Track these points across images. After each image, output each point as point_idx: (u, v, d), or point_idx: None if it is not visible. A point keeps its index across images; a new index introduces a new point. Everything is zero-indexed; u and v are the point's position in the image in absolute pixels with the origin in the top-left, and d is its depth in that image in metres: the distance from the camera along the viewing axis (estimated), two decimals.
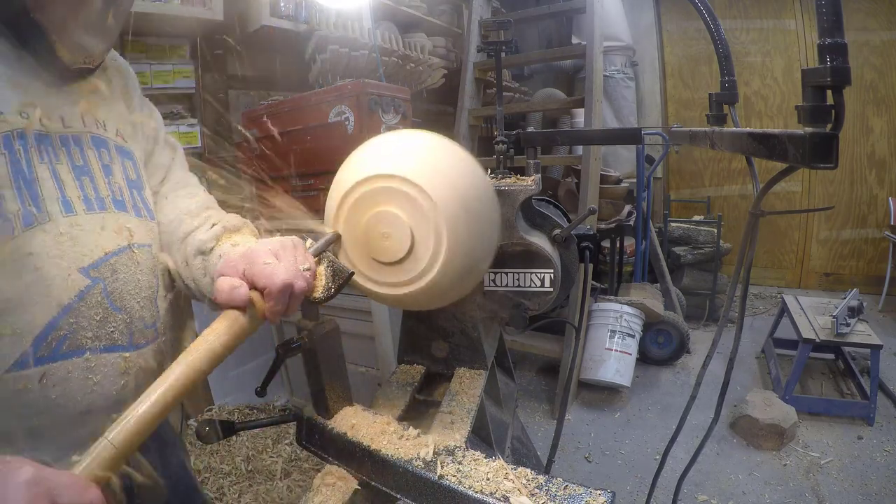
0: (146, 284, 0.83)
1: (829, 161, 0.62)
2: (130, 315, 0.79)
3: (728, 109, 1.12)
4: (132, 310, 0.79)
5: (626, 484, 2.36)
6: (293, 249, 0.76)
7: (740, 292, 1.22)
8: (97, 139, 0.81)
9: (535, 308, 1.06)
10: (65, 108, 0.77)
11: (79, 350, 0.72)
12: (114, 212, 0.80)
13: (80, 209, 0.75)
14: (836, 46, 0.61)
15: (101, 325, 0.75)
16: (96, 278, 0.74)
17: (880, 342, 2.71)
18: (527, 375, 3.46)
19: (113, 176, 0.82)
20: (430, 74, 3.52)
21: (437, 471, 0.72)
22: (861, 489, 2.24)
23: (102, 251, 0.76)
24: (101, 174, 0.80)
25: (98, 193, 0.78)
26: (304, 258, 0.76)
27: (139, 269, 0.82)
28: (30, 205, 0.69)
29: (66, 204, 0.73)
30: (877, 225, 4.69)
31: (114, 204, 0.80)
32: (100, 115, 0.83)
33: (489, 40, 1.26)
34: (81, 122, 0.79)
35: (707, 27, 1.07)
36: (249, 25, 2.49)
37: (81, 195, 0.76)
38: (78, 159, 0.77)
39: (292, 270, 0.72)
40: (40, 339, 0.68)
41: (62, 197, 0.73)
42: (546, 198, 1.22)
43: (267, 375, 0.81)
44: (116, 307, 0.77)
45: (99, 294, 0.75)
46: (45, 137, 0.73)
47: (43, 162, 0.72)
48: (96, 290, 0.74)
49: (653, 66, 5.12)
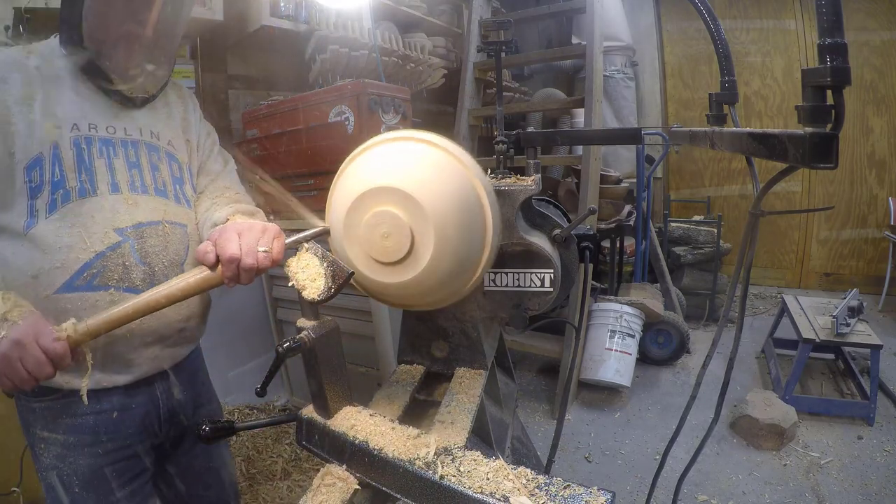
0: (173, 251, 1.06)
1: (829, 161, 0.62)
2: (153, 270, 1.02)
3: (728, 109, 1.12)
4: (155, 267, 1.02)
5: (626, 484, 2.36)
6: (260, 232, 0.92)
7: (740, 292, 1.22)
8: (150, 145, 1.08)
9: (535, 308, 1.06)
10: (128, 124, 1.05)
11: (105, 286, 0.97)
12: (153, 196, 1.05)
13: (126, 190, 1.01)
14: (836, 46, 0.61)
15: (125, 271, 0.99)
16: (126, 237, 0.99)
17: (880, 342, 2.70)
18: (527, 375, 3.46)
19: (160, 172, 1.08)
20: (431, 74, 3.52)
21: (438, 471, 0.72)
22: (861, 489, 2.24)
23: (136, 220, 1.01)
24: (149, 170, 1.06)
25: (144, 182, 1.04)
26: (266, 241, 0.91)
27: (168, 239, 1.05)
28: (86, 183, 0.96)
29: (114, 185, 1.00)
30: (877, 225, 4.68)
31: (156, 191, 1.06)
32: (155, 129, 1.10)
33: (489, 40, 1.26)
34: (139, 133, 1.06)
35: (707, 27, 1.07)
36: (249, 25, 2.49)
37: (129, 181, 1.02)
38: (132, 157, 1.04)
39: (245, 248, 0.88)
40: (78, 273, 0.95)
41: (111, 181, 1.00)
42: (546, 198, 1.22)
43: (267, 375, 0.81)
44: (142, 262, 1.01)
45: (128, 249, 0.99)
46: (108, 141, 1.01)
47: (102, 157, 0.99)
48: (125, 246, 0.99)
49: (653, 66, 5.12)
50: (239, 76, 2.72)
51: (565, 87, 4.89)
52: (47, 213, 0.93)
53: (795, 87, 4.70)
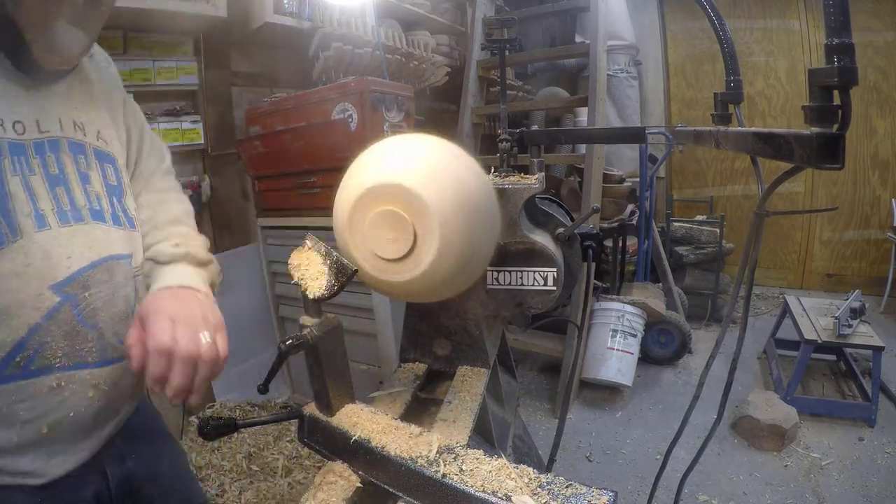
0: (122, 297, 0.82)
1: (835, 161, 0.62)
2: (101, 332, 0.78)
3: (733, 109, 1.11)
4: (104, 326, 0.79)
5: (627, 483, 2.36)
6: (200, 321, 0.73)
7: (744, 293, 1.22)
8: (74, 144, 0.78)
9: (538, 307, 1.06)
10: (41, 112, 0.75)
11: (47, 369, 0.72)
12: (90, 223, 0.77)
13: (54, 223, 0.73)
14: (843, 46, 0.60)
15: (70, 343, 0.74)
16: (67, 294, 0.73)
17: (882, 343, 2.70)
18: (528, 374, 3.46)
19: (91, 184, 0.79)
20: (434, 72, 3.52)
21: (440, 469, 0.72)
22: (862, 491, 2.24)
23: (75, 266, 0.74)
24: (77, 183, 0.77)
25: (74, 204, 0.76)
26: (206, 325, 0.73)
27: (114, 282, 0.80)
28: (1, 222, 0.67)
29: (39, 218, 0.71)
30: (879, 226, 4.67)
31: (91, 214, 0.78)
32: (79, 118, 0.80)
33: (493, 38, 1.26)
34: (59, 126, 0.77)
35: (713, 26, 1.07)
36: (253, 22, 2.48)
37: (55, 208, 0.73)
38: (53, 168, 0.75)
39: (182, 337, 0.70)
40: (6, 360, 0.69)
41: (35, 211, 0.71)
42: (549, 196, 1.22)
43: (269, 372, 0.81)
44: (88, 324, 0.76)
45: (69, 311, 0.74)
46: (19, 146, 0.71)
47: (16, 174, 0.70)
48: (66, 307, 0.73)
49: (656, 65, 5.10)
50: (242, 73, 2.72)
51: (569, 85, 4.88)
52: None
53: (799, 87, 4.69)
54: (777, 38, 4.72)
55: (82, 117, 0.81)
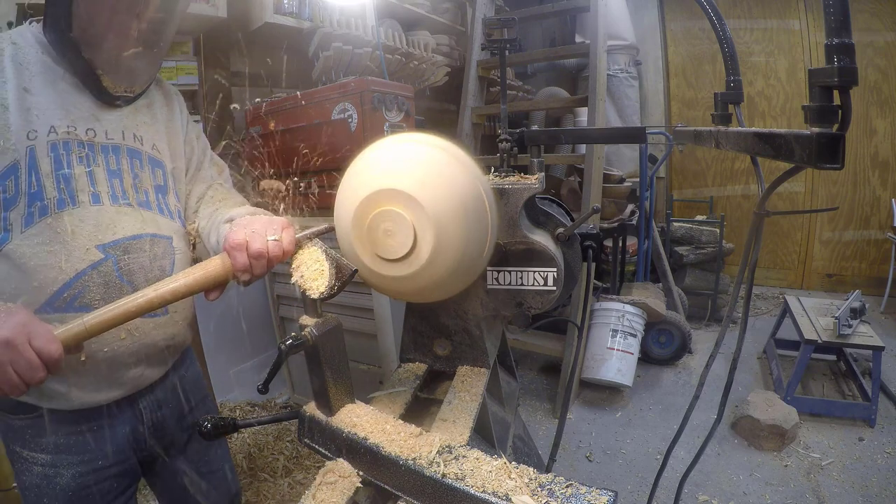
0: (158, 267, 1.00)
1: (836, 161, 0.62)
2: (137, 288, 0.92)
3: (733, 109, 1.11)
4: (139, 284, 0.95)
5: (627, 483, 2.36)
6: (267, 223, 0.89)
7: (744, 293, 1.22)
8: (133, 151, 1.01)
9: (538, 306, 1.06)
10: (110, 125, 0.98)
11: (87, 307, 0.89)
12: (136, 207, 0.99)
13: (107, 202, 0.95)
14: (843, 46, 0.60)
15: (107, 291, 0.93)
16: (109, 254, 0.93)
17: (882, 344, 2.70)
18: (528, 374, 3.46)
19: (141, 181, 1.01)
20: (434, 72, 3.52)
21: (440, 469, 0.72)
22: (862, 491, 2.24)
23: (119, 234, 0.95)
24: (129, 178, 0.99)
25: (126, 193, 0.98)
26: (275, 230, 0.88)
27: (152, 252, 0.99)
28: (65, 193, 0.90)
29: (95, 196, 0.93)
30: (879, 226, 4.67)
31: (138, 203, 1.00)
32: (139, 132, 1.03)
33: (493, 38, 1.26)
34: (122, 136, 0.99)
35: (713, 26, 1.07)
36: (253, 23, 2.48)
37: (110, 192, 0.96)
38: (113, 164, 0.97)
39: (252, 235, 0.85)
40: (58, 293, 0.89)
41: (93, 191, 0.93)
42: (549, 196, 1.22)
43: (269, 372, 0.81)
44: (125, 280, 0.95)
45: (110, 267, 0.93)
46: (88, 145, 0.94)
47: (81, 164, 0.92)
48: (108, 263, 0.93)
49: (656, 65, 5.10)
50: (242, 73, 2.72)
51: (569, 85, 4.88)
52: (23, 227, 0.86)
53: (799, 87, 4.69)
54: (777, 38, 4.72)
55: (142, 132, 1.03)
